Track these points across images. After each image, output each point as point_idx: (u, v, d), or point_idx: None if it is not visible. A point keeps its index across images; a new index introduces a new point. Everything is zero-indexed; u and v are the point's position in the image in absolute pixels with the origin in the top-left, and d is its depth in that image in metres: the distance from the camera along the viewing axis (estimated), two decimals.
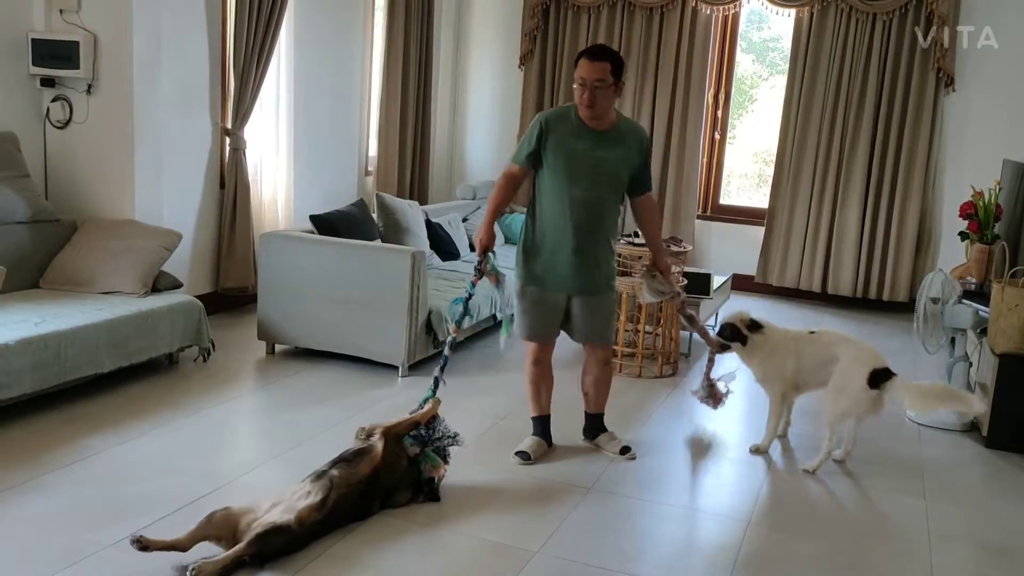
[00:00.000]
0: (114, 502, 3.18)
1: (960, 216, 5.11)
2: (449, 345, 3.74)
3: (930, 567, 3.14)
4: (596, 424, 4.04)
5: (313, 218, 5.21)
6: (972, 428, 4.54)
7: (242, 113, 5.57)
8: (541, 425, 3.97)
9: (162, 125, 5.14)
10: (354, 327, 4.85)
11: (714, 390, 4.28)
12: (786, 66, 7.36)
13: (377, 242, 5.36)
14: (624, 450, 3.94)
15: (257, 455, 3.80)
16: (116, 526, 2.97)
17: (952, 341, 4.65)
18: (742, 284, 7.41)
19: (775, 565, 3.10)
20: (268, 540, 2.77)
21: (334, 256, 4.90)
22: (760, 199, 7.90)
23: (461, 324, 3.81)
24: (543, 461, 3.84)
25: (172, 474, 3.46)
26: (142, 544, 2.65)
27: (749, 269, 7.54)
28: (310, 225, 5.20)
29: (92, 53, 4.84)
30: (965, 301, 4.57)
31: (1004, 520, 3.59)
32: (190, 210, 5.49)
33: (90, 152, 4.99)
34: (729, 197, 8.06)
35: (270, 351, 5.10)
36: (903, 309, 6.95)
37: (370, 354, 4.86)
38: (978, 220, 4.97)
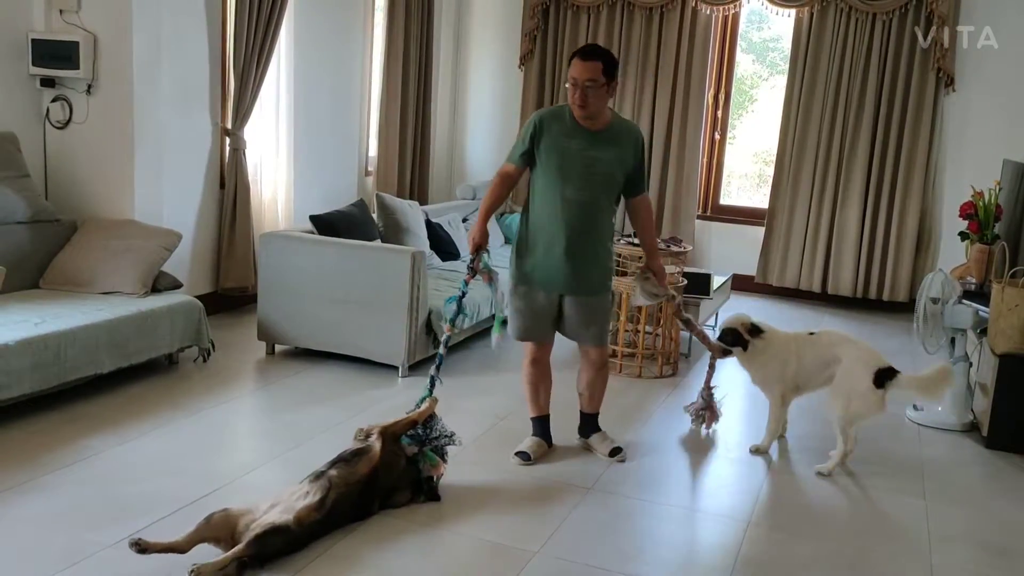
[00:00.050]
0: (114, 503, 3.18)
1: (960, 216, 5.10)
2: (444, 344, 3.74)
3: (930, 567, 3.14)
4: (590, 424, 4.02)
5: (313, 218, 5.21)
6: (972, 428, 4.54)
7: (242, 113, 5.57)
8: (541, 425, 3.96)
9: (162, 125, 5.14)
10: (354, 327, 4.85)
11: (712, 402, 4.26)
12: (786, 66, 7.36)
13: (377, 242, 5.36)
14: (614, 452, 3.91)
15: (257, 455, 3.80)
16: (116, 526, 2.97)
17: (952, 341, 4.65)
18: (742, 284, 7.41)
19: (775, 565, 3.10)
20: (267, 541, 2.76)
21: (334, 256, 4.90)
22: (760, 199, 7.90)
23: (455, 323, 3.80)
24: (543, 461, 3.84)
25: (172, 475, 3.46)
26: (141, 547, 2.64)
27: (749, 269, 7.54)
28: (310, 225, 5.19)
29: (92, 53, 4.84)
30: (965, 301, 4.56)
31: (1004, 520, 3.59)
32: (190, 210, 5.49)
33: (90, 152, 4.99)
34: (729, 197, 8.06)
35: (270, 351, 5.10)
36: (903, 309, 6.94)
37: (370, 354, 4.86)
38: (978, 220, 4.97)
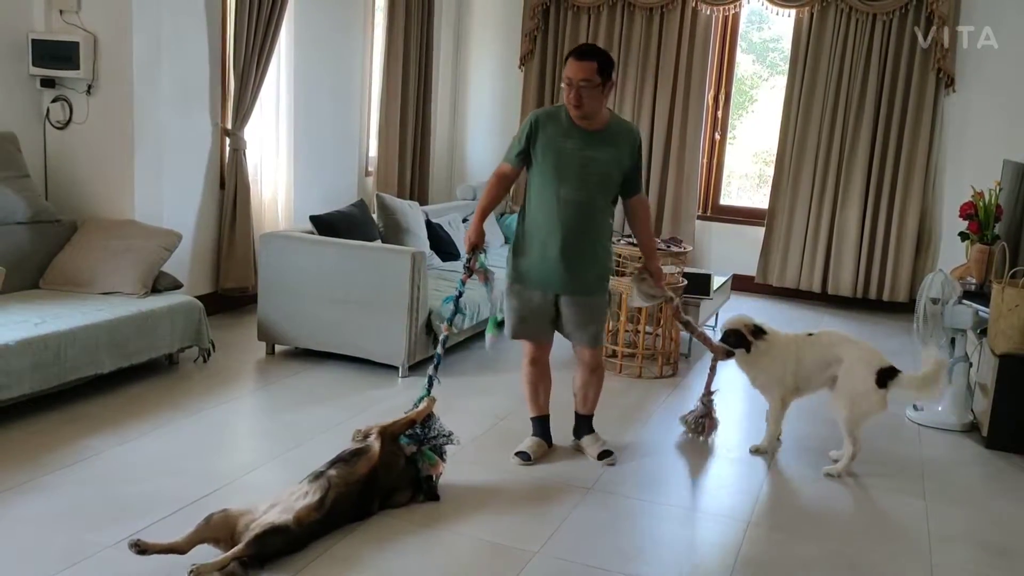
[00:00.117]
0: (114, 503, 3.18)
1: (960, 216, 5.10)
2: (442, 343, 3.73)
3: (930, 567, 3.14)
4: (583, 425, 4.00)
5: (313, 218, 5.21)
6: (972, 428, 4.54)
7: (242, 113, 5.57)
8: (540, 425, 3.96)
9: (162, 125, 5.14)
10: (354, 327, 4.85)
11: (711, 408, 4.23)
12: (786, 66, 7.36)
13: (377, 242, 5.36)
14: (603, 455, 3.87)
15: (257, 456, 3.80)
16: (116, 527, 2.97)
17: (952, 342, 4.65)
18: (742, 285, 7.41)
19: (775, 565, 3.10)
20: (267, 541, 2.76)
21: (334, 256, 4.90)
22: (760, 199, 7.90)
23: (453, 322, 3.79)
24: (543, 461, 3.84)
25: (172, 475, 3.46)
26: (140, 548, 2.64)
27: (749, 269, 7.54)
28: (310, 225, 5.19)
29: (92, 53, 4.84)
30: (965, 301, 4.56)
31: (1004, 520, 3.59)
32: (190, 210, 5.49)
33: (90, 152, 4.99)
34: (729, 197, 8.06)
35: (270, 351, 5.10)
36: (903, 309, 6.95)
37: (370, 354, 4.86)
38: (978, 220, 4.97)
